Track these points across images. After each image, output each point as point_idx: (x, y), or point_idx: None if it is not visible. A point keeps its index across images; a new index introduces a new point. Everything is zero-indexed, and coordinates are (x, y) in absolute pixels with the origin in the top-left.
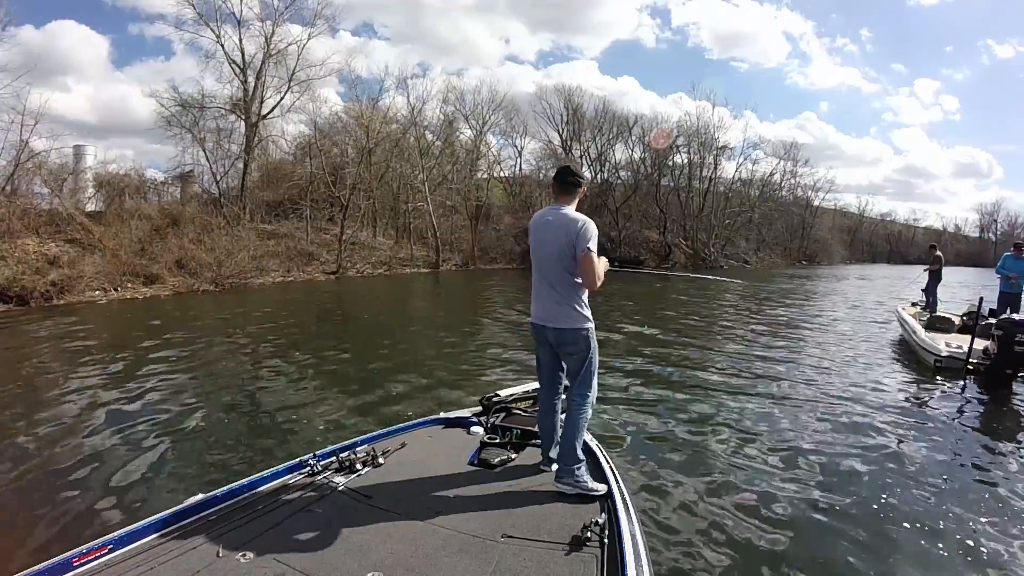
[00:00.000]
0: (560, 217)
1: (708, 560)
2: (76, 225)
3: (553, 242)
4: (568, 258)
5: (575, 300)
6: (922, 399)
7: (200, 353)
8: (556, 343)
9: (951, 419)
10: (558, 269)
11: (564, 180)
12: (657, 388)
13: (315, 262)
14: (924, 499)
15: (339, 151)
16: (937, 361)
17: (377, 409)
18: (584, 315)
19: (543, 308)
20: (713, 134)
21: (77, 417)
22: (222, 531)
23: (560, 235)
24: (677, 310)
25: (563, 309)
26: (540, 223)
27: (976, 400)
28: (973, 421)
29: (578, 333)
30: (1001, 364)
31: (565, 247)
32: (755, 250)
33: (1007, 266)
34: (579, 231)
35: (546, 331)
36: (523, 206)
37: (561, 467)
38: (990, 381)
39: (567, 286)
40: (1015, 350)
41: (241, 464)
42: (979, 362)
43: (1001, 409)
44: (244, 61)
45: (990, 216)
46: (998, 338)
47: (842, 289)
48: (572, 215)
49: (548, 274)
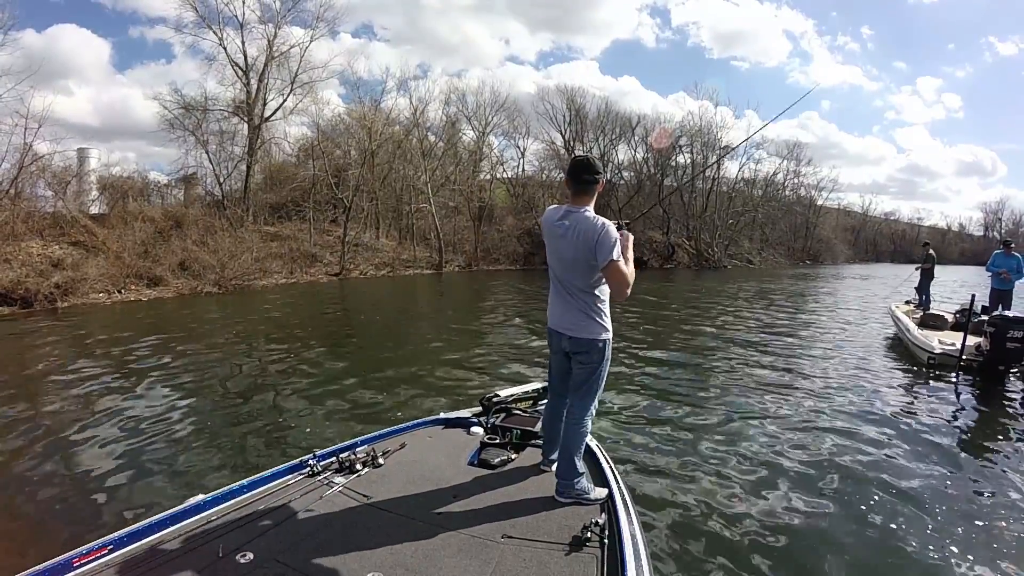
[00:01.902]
0: (577, 221)
1: (708, 560)
2: (80, 228)
3: (569, 249)
4: (587, 266)
5: (594, 308)
6: (916, 395)
7: (202, 355)
8: (571, 351)
9: (945, 415)
10: (575, 277)
11: (579, 178)
12: (656, 388)
13: (318, 264)
14: (918, 496)
15: (342, 153)
16: (931, 358)
17: (377, 409)
18: (603, 324)
19: (560, 315)
20: (716, 134)
21: (79, 418)
22: (222, 531)
23: (578, 242)
24: (678, 311)
25: (580, 317)
26: (554, 225)
27: (970, 396)
28: (967, 416)
29: (594, 343)
30: (994, 360)
31: (583, 255)
32: (759, 250)
33: (997, 263)
34: (599, 240)
35: (562, 338)
36: (526, 207)
37: (560, 482)
38: (983, 377)
39: (585, 294)
40: (1008, 346)
41: (241, 464)
42: (972, 358)
43: (995, 404)
44: (247, 64)
45: (994, 215)
46: (991, 334)
47: (842, 288)
48: (590, 220)
49: (565, 281)
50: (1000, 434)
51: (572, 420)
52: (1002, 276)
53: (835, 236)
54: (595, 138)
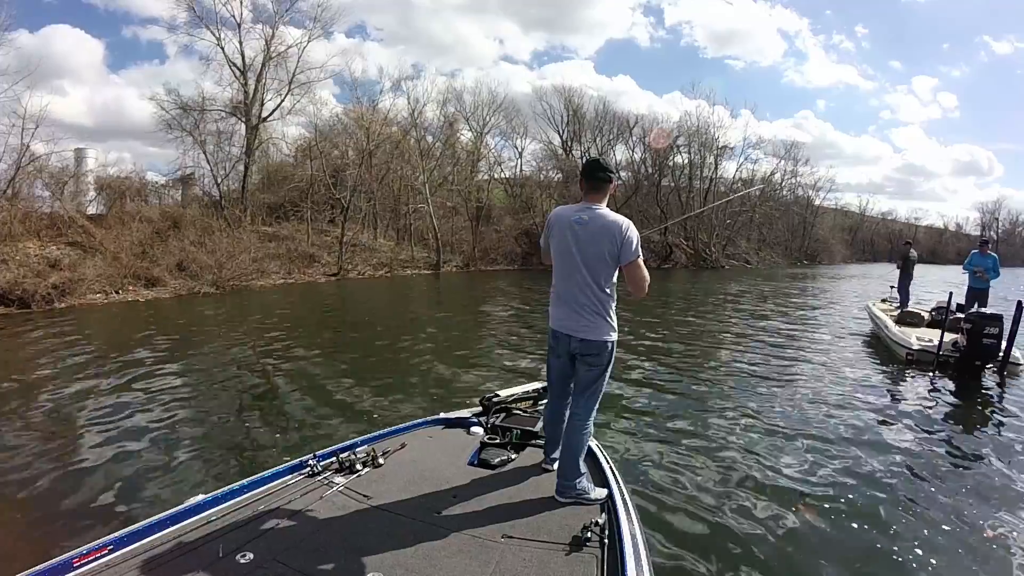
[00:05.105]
0: (598, 219)
1: (708, 560)
2: (77, 228)
3: (590, 245)
4: (607, 264)
5: (607, 309)
6: (895, 391)
7: (200, 355)
8: (579, 353)
9: (924, 409)
10: (594, 275)
11: (595, 176)
12: (655, 388)
13: (316, 264)
14: (898, 489)
15: (339, 153)
16: (909, 354)
17: (377, 409)
18: (612, 325)
19: (570, 316)
20: (713, 134)
21: (77, 418)
22: (222, 531)
23: (601, 239)
24: (676, 311)
25: (593, 319)
26: (570, 222)
27: (947, 391)
28: (945, 411)
29: (604, 345)
30: (971, 356)
31: (606, 253)
32: (756, 250)
33: (974, 262)
34: (625, 237)
35: (570, 341)
36: (524, 207)
37: (561, 483)
38: (960, 373)
39: (602, 294)
40: (984, 343)
41: (241, 464)
42: (949, 354)
43: (971, 399)
44: (244, 64)
45: (991, 215)
46: (967, 331)
47: (836, 287)
48: (612, 217)
49: (581, 280)
50: (978, 427)
51: (576, 421)
52: (978, 275)
53: (832, 236)
54: (593, 139)
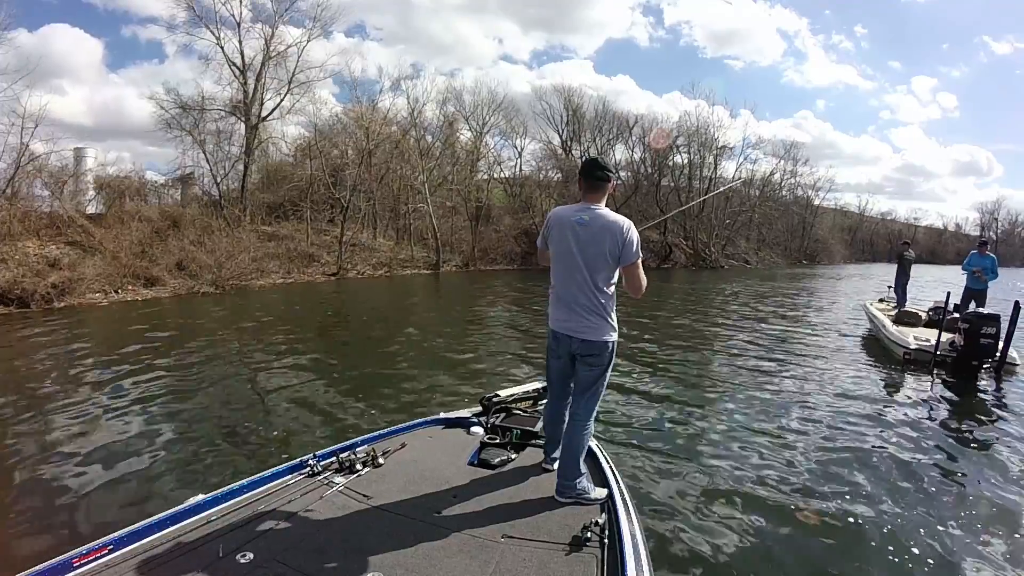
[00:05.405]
0: (598, 219)
1: (708, 560)
2: (77, 227)
3: (591, 245)
4: (608, 264)
5: (608, 310)
6: (893, 390)
7: (200, 354)
8: (580, 354)
9: (921, 408)
10: (595, 276)
11: (593, 175)
12: (654, 387)
13: (315, 264)
14: (896, 490)
15: (339, 153)
16: (906, 354)
17: (377, 409)
18: (613, 325)
19: (571, 317)
20: (713, 134)
21: (76, 418)
22: (222, 531)
23: (602, 239)
24: (673, 312)
25: (594, 319)
26: (571, 222)
27: (944, 390)
28: (942, 410)
29: (605, 345)
30: (968, 355)
31: (608, 253)
32: (756, 250)
33: (972, 262)
34: (626, 238)
35: (571, 342)
36: (523, 207)
37: (561, 482)
38: (957, 372)
39: (603, 294)
40: (981, 342)
41: (241, 464)
42: (946, 354)
43: (968, 398)
44: (244, 63)
45: (990, 215)
46: (965, 331)
47: (831, 287)
48: (612, 217)
49: (581, 281)
50: (975, 426)
51: (577, 421)
52: (976, 275)
53: (832, 236)
54: (592, 138)
